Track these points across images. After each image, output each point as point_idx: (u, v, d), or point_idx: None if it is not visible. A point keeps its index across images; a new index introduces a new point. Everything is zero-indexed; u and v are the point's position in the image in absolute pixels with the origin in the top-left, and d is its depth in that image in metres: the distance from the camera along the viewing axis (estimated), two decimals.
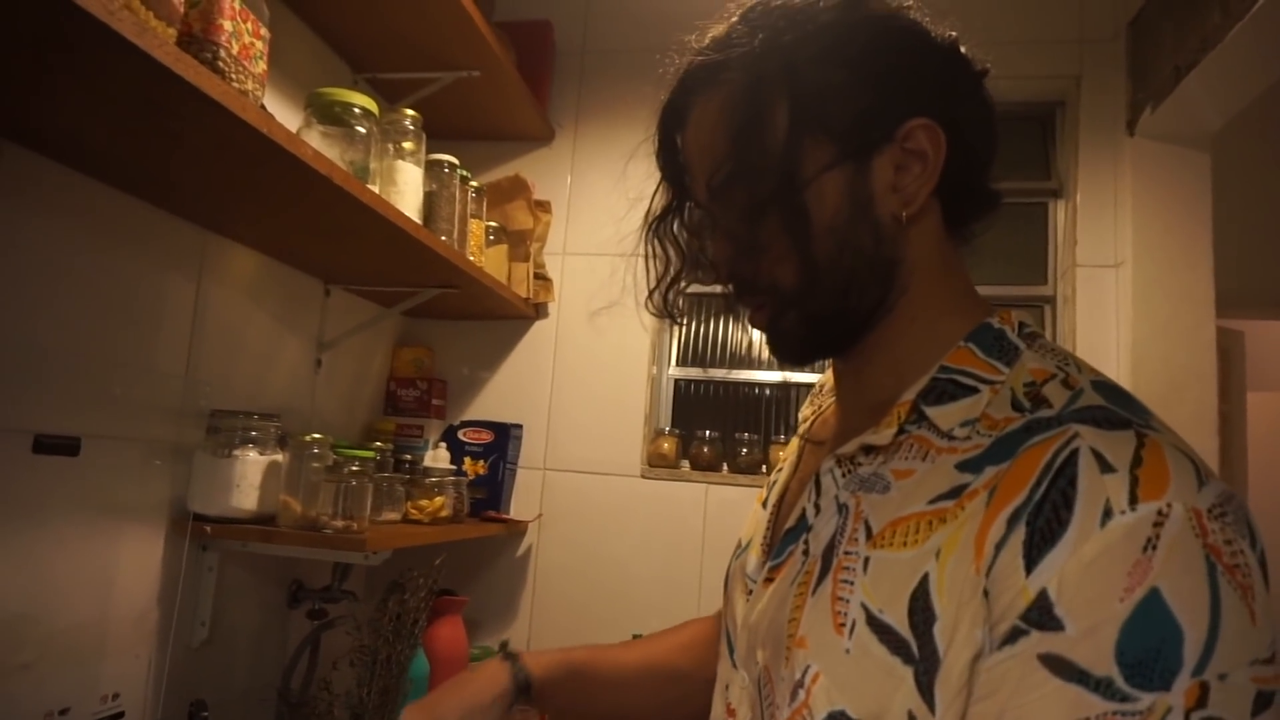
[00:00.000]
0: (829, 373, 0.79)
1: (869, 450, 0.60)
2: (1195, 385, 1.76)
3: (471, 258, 1.64)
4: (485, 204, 1.77)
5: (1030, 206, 2.04)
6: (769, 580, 0.64)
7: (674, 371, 2.12)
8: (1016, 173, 2.05)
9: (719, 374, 2.10)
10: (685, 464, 1.99)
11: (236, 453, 1.26)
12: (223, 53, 0.93)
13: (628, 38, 2.11)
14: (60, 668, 1.08)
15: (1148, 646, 0.42)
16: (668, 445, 1.96)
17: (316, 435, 1.33)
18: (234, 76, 0.94)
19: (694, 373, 2.11)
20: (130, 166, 1.09)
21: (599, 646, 0.89)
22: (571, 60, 2.13)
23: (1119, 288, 1.84)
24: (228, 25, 0.93)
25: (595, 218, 2.04)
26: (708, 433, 1.99)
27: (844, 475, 0.61)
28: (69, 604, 1.09)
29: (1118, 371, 1.80)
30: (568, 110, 2.12)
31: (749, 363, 2.09)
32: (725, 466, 1.97)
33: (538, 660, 0.83)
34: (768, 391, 2.07)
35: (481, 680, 0.81)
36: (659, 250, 0.71)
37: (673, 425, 2.07)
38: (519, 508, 1.96)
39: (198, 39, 0.91)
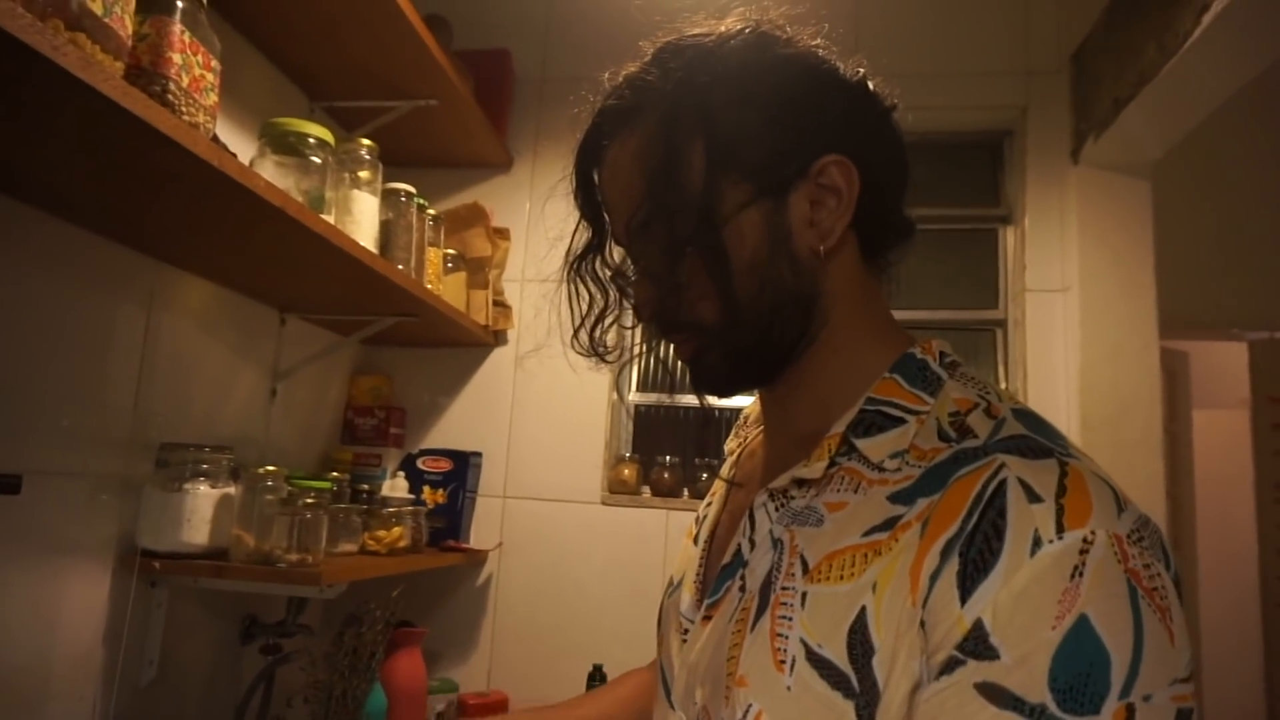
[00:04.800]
0: (753, 404, 0.80)
1: (801, 483, 0.61)
2: (1142, 406, 1.81)
3: (429, 286, 1.63)
4: (443, 232, 1.76)
5: (981, 232, 2.09)
6: (707, 619, 0.64)
7: (634, 397, 2.12)
8: (967, 200, 2.11)
9: (672, 399, 2.10)
10: (646, 490, 1.99)
11: (187, 486, 1.24)
12: (172, 85, 0.92)
13: (587, 65, 2.11)
14: None
15: (1078, 672, 0.44)
16: (628, 471, 1.96)
17: (270, 467, 1.31)
18: (184, 109, 0.94)
19: (654, 398, 2.12)
20: (79, 200, 1.08)
21: (540, 708, 0.89)
22: (530, 88, 2.14)
23: (1067, 312, 1.89)
24: (177, 58, 0.93)
25: (554, 244, 2.04)
26: (668, 458, 1.99)
27: (777, 509, 0.61)
28: (9, 646, 1.06)
29: (1067, 394, 1.84)
30: (526, 137, 2.13)
31: None
32: (685, 492, 1.97)
33: None
34: (727, 415, 2.08)
35: None
36: (581, 289, 0.72)
37: (633, 450, 2.07)
38: (479, 536, 1.95)
39: (147, 72, 0.91)
